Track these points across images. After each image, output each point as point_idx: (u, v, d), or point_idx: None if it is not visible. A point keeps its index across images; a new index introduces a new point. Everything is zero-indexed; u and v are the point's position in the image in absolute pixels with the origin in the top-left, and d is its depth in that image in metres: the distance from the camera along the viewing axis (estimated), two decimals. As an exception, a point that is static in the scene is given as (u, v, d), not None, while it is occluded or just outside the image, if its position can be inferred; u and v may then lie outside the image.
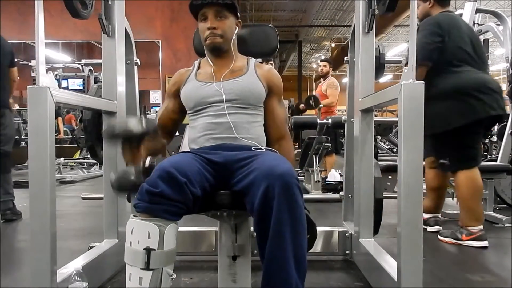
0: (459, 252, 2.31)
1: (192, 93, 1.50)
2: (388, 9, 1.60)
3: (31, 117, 1.26)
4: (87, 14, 1.62)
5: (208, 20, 1.47)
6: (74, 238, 2.52)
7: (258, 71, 1.53)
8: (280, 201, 1.13)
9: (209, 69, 1.53)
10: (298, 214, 1.16)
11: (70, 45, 8.88)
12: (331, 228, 2.07)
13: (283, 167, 1.17)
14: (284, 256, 1.14)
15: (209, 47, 1.51)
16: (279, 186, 1.13)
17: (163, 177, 1.17)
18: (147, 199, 1.16)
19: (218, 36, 1.48)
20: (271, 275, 1.15)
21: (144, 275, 1.13)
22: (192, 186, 1.20)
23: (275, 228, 1.14)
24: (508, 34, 3.65)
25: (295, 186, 1.15)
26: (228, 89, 1.46)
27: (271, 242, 1.15)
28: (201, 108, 1.48)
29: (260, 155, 1.32)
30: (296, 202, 1.15)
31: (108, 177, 1.83)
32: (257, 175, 1.19)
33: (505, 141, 3.39)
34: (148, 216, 1.16)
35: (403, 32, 14.83)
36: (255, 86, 1.49)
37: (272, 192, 1.14)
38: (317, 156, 3.86)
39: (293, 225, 1.14)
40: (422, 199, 1.28)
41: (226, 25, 1.49)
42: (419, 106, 1.25)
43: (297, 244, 1.15)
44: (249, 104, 1.47)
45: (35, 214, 1.27)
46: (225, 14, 1.48)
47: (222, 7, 1.47)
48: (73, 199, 3.96)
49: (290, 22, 14.20)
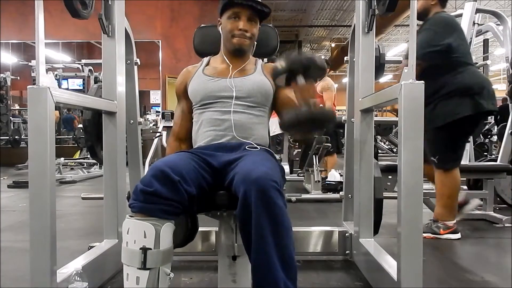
0: (459, 252, 2.31)
1: (200, 87, 1.51)
2: (388, 9, 1.60)
3: (31, 117, 1.26)
4: (87, 14, 1.62)
5: (241, 20, 1.49)
6: (74, 238, 2.52)
7: (265, 70, 1.57)
8: (257, 206, 1.12)
9: (220, 66, 1.56)
10: (280, 215, 1.14)
11: (70, 45, 8.87)
12: (331, 228, 2.06)
13: (259, 171, 1.16)
14: (269, 259, 1.12)
15: (236, 47, 1.53)
16: (255, 191, 1.12)
17: (157, 176, 1.17)
18: (142, 199, 1.16)
19: (247, 38, 1.51)
20: (259, 279, 1.15)
21: (141, 275, 1.13)
22: (186, 185, 1.19)
23: (256, 233, 1.13)
24: (508, 34, 3.65)
25: (271, 189, 1.13)
26: (238, 86, 1.48)
27: (254, 248, 1.14)
28: (209, 102, 1.49)
29: (244, 157, 1.32)
30: (275, 204, 1.13)
31: (108, 177, 1.84)
32: (237, 179, 1.19)
33: (505, 141, 3.39)
34: (144, 216, 1.16)
35: (403, 32, 14.82)
36: (263, 83, 1.52)
37: (249, 197, 1.13)
38: (317, 156, 3.86)
39: (274, 228, 1.13)
40: (422, 199, 1.28)
41: (256, 30, 1.54)
42: (419, 106, 1.25)
43: (281, 245, 1.14)
44: (256, 103, 1.50)
45: (35, 214, 1.27)
46: (256, 19, 1.52)
47: (257, 13, 1.51)
48: (73, 199, 3.95)
49: (290, 22, 14.20)
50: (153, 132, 4.74)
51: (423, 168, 1.26)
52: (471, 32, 3.82)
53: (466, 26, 3.75)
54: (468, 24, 3.74)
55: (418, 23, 2.45)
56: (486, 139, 5.11)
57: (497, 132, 3.97)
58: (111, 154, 1.83)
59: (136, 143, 2.08)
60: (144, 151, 2.57)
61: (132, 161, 2.11)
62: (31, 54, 7.88)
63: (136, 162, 2.11)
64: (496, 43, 11.62)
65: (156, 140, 4.42)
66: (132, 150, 2.09)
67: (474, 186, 3.26)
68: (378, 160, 2.27)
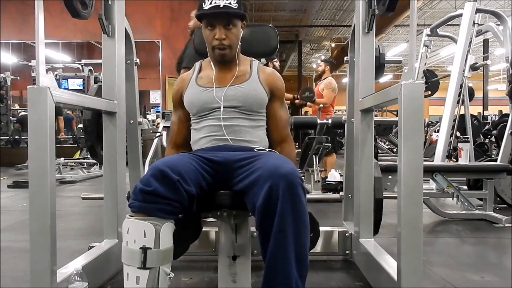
0: (459, 252, 2.31)
1: (194, 99, 1.49)
2: (388, 9, 1.60)
3: (31, 117, 1.26)
4: (87, 14, 1.62)
5: (216, 29, 1.42)
6: (74, 238, 2.52)
7: (261, 76, 1.51)
8: (284, 200, 1.14)
9: (211, 74, 1.51)
10: (302, 214, 1.17)
11: (70, 45, 8.86)
12: (331, 228, 2.06)
13: (287, 167, 1.18)
14: (286, 254, 1.14)
15: (218, 59, 1.48)
16: (283, 185, 1.14)
17: (156, 175, 1.17)
18: (141, 198, 1.17)
19: (227, 47, 1.44)
20: (273, 272, 1.16)
21: (141, 274, 1.14)
22: (186, 184, 1.20)
23: (278, 227, 1.15)
24: (508, 34, 3.64)
25: (299, 186, 1.16)
26: (231, 95, 1.45)
27: (273, 240, 1.16)
28: (204, 114, 1.47)
29: (263, 155, 1.32)
30: (301, 202, 1.16)
31: (108, 177, 1.84)
32: (261, 174, 1.20)
33: (505, 141, 3.39)
34: (143, 216, 1.16)
35: (403, 32, 14.82)
36: (258, 93, 1.48)
37: (276, 192, 1.14)
38: (317, 156, 3.86)
39: (296, 225, 1.15)
40: (422, 199, 1.28)
41: (234, 35, 1.45)
42: (419, 106, 1.25)
43: (300, 243, 1.16)
44: (251, 111, 1.47)
45: (35, 214, 1.27)
46: (234, 23, 1.43)
47: (233, 16, 1.43)
48: (73, 199, 3.95)
49: (290, 22, 14.19)
50: (153, 132, 4.74)
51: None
52: (471, 32, 3.82)
53: (466, 26, 3.76)
54: (468, 24, 3.74)
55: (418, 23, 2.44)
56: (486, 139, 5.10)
57: (497, 132, 3.97)
58: (111, 154, 1.83)
59: (136, 143, 2.08)
60: (144, 151, 2.57)
61: (132, 161, 2.11)
62: (31, 54, 7.88)
63: (136, 162, 2.11)
64: (496, 43, 11.62)
65: (156, 140, 4.41)
66: (132, 150, 2.09)
67: (474, 186, 3.26)
68: (378, 160, 2.27)
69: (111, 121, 1.81)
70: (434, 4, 12.01)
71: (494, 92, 15.95)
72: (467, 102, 4.23)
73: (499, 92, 15.05)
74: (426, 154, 5.23)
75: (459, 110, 4.13)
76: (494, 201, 3.08)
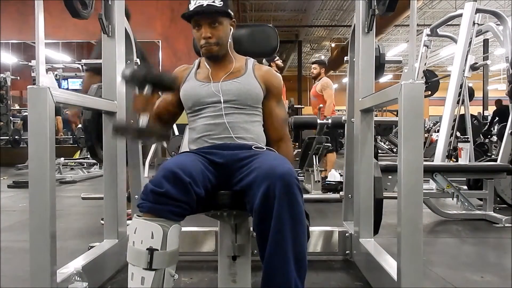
0: (459, 252, 2.31)
1: (191, 92, 1.49)
2: (388, 9, 1.60)
3: (31, 117, 1.26)
4: (87, 14, 1.62)
5: (202, 28, 1.43)
6: (74, 238, 2.52)
7: (257, 72, 1.51)
8: (281, 201, 1.14)
9: (208, 70, 1.52)
10: (299, 214, 1.16)
11: (70, 45, 8.85)
12: (331, 228, 2.06)
13: (284, 167, 1.18)
14: (284, 255, 1.14)
15: (208, 55, 1.49)
16: (280, 186, 1.14)
17: (168, 177, 1.17)
18: (152, 199, 1.16)
19: (213, 44, 1.44)
20: (271, 273, 1.16)
21: (147, 275, 1.13)
22: (196, 186, 1.20)
23: (275, 227, 1.14)
24: (508, 34, 3.64)
25: (295, 186, 1.16)
26: (226, 90, 1.45)
27: (271, 241, 1.15)
28: (199, 108, 1.47)
29: (260, 155, 1.32)
30: (297, 202, 1.16)
31: (108, 177, 1.84)
32: (258, 174, 1.19)
33: (505, 141, 3.39)
34: (152, 216, 1.16)
35: (403, 32, 14.82)
36: (253, 87, 1.48)
37: (273, 192, 1.14)
38: (317, 156, 3.86)
39: (293, 225, 1.15)
40: (422, 199, 1.28)
41: (221, 32, 1.44)
42: (419, 106, 1.25)
43: (298, 243, 1.16)
44: (247, 105, 1.46)
45: (35, 214, 1.27)
46: (219, 20, 1.43)
47: (216, 15, 1.43)
48: (73, 199, 3.95)
49: (290, 22, 14.19)
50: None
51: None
52: (471, 32, 3.82)
53: (466, 26, 3.76)
54: (468, 24, 3.74)
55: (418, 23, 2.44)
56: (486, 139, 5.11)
57: (497, 132, 3.98)
58: (111, 154, 1.83)
59: (136, 143, 2.08)
60: (144, 151, 2.57)
61: (132, 161, 2.11)
62: (31, 54, 7.87)
63: (136, 162, 2.11)
64: (496, 43, 11.62)
65: (156, 140, 4.41)
66: (132, 150, 2.09)
67: (474, 186, 3.26)
68: (378, 160, 2.27)
69: (111, 121, 1.81)
70: (434, 4, 12.02)
71: (494, 92, 15.94)
72: (467, 102, 4.23)
73: (499, 92, 15.07)
74: (426, 154, 5.23)
75: (459, 110, 4.13)
76: (494, 201, 3.08)
